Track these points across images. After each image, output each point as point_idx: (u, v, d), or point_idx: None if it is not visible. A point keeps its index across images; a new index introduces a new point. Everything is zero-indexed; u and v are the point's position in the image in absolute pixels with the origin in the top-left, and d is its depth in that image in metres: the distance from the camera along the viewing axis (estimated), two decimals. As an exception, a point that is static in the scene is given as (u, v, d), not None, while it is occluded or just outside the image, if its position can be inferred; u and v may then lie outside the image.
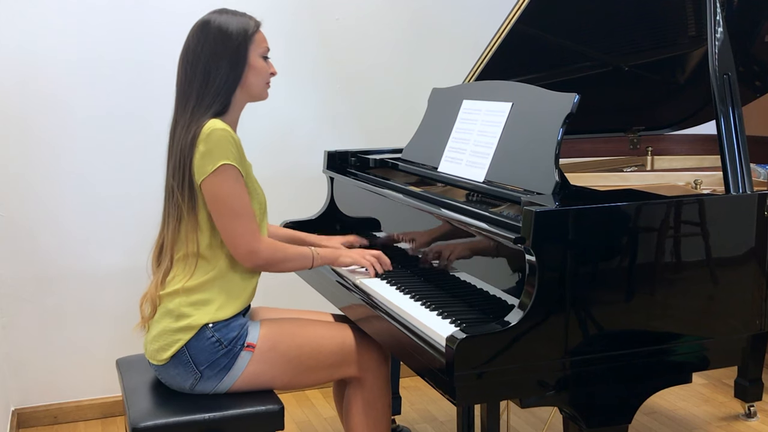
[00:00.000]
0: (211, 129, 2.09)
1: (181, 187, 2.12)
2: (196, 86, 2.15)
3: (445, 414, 3.37)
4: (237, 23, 2.17)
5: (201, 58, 2.15)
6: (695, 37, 2.76)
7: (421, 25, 3.62)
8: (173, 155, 2.15)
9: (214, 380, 2.16)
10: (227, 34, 2.15)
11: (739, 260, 2.00)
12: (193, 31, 2.20)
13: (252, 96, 2.24)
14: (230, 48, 2.15)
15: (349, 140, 3.53)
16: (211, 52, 2.15)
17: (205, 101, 2.14)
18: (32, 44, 3.09)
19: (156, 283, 2.21)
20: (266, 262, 2.19)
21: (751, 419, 3.25)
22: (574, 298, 1.79)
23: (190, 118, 2.13)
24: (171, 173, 2.16)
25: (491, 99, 2.31)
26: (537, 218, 1.75)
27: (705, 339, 1.97)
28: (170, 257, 2.19)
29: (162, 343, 2.16)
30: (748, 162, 2.07)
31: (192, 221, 2.15)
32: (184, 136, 2.11)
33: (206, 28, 2.17)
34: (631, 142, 3.19)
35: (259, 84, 2.23)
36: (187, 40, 2.20)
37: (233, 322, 2.18)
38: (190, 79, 2.16)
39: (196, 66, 2.15)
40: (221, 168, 2.09)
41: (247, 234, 2.13)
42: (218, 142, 2.08)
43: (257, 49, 2.20)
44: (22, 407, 3.27)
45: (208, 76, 2.14)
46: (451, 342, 1.70)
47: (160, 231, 2.23)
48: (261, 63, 2.22)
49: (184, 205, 2.13)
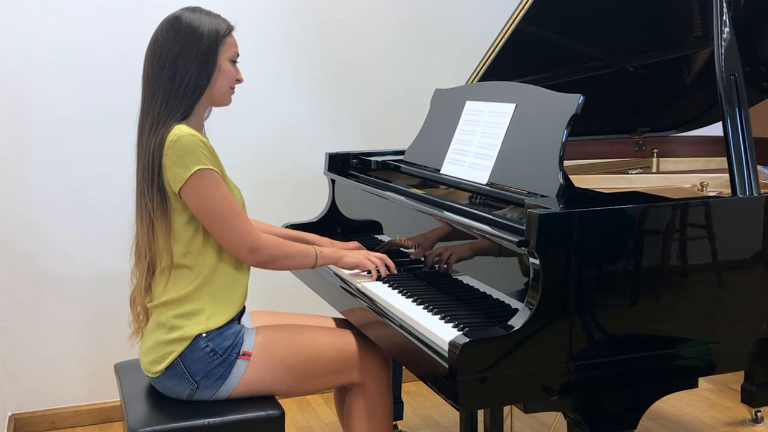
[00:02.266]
0: (177, 136, 2.04)
1: (151, 191, 2.08)
2: (164, 81, 2.10)
3: (447, 419, 3.35)
4: (209, 23, 2.13)
5: (170, 53, 2.10)
6: (701, 37, 2.75)
7: (424, 25, 3.60)
8: (142, 153, 2.12)
9: (211, 389, 2.14)
10: (198, 33, 2.11)
11: (746, 263, 1.98)
12: (163, 25, 2.15)
13: (215, 100, 2.18)
14: (200, 47, 2.10)
15: (350, 142, 3.51)
16: (180, 48, 2.09)
17: (172, 101, 2.10)
18: (26, 45, 3.08)
19: (140, 287, 2.17)
20: (268, 259, 2.15)
21: (758, 424, 3.22)
22: (579, 302, 1.77)
23: (157, 118, 2.09)
24: (141, 173, 2.12)
25: (494, 100, 2.30)
26: (541, 221, 1.73)
27: (711, 343, 1.95)
28: (150, 262, 2.15)
29: (156, 356, 2.14)
30: (755, 164, 2.06)
31: (164, 227, 2.10)
32: (153, 138, 2.07)
33: (177, 23, 2.12)
34: (637, 144, 3.18)
35: (224, 88, 2.17)
36: (155, 33, 2.15)
37: (227, 330, 2.15)
38: (157, 73, 2.11)
39: (163, 62, 2.10)
40: (197, 174, 2.04)
41: (244, 233, 2.10)
42: (187, 148, 2.04)
43: (227, 52, 2.15)
44: (19, 412, 3.25)
45: (176, 72, 2.09)
46: (454, 346, 1.68)
47: (136, 232, 2.19)
48: (229, 67, 2.16)
49: (154, 210, 2.08)
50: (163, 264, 2.13)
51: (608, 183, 2.70)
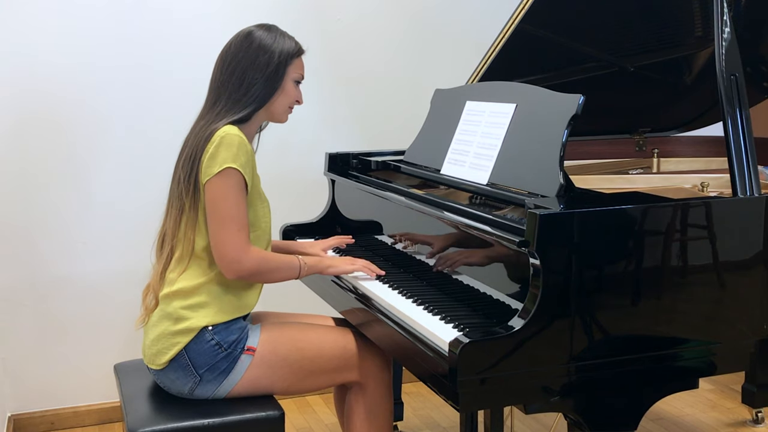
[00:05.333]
0: (225, 132, 2.10)
1: (188, 180, 2.13)
2: (230, 89, 2.18)
3: (448, 420, 3.34)
4: (282, 43, 2.22)
5: (241, 63, 2.18)
6: (702, 37, 2.75)
7: (424, 25, 3.60)
8: (188, 146, 2.17)
9: (214, 384, 2.14)
10: (271, 50, 2.20)
11: (747, 264, 1.97)
12: (238, 36, 2.23)
13: (273, 116, 2.27)
14: (270, 63, 2.19)
15: (350, 142, 3.50)
16: (252, 61, 2.18)
17: (236, 105, 2.17)
18: (29, 47, 3.07)
19: (157, 273, 2.21)
20: (250, 273, 2.15)
21: (759, 425, 3.22)
22: (579, 303, 1.77)
23: (215, 116, 2.16)
24: (182, 163, 2.16)
25: (495, 100, 2.30)
26: (541, 221, 1.73)
27: (712, 344, 1.95)
28: (170, 248, 2.19)
29: (160, 347, 2.14)
30: (756, 164, 2.05)
31: (192, 218, 2.14)
32: (202, 132, 2.13)
33: (251, 37, 2.20)
34: (637, 144, 3.17)
35: (283, 107, 2.26)
36: (229, 43, 2.23)
37: (233, 325, 2.16)
38: (224, 80, 2.19)
39: (234, 68, 2.18)
40: (225, 171, 2.08)
41: (235, 242, 2.10)
42: (229, 145, 2.08)
43: (293, 73, 2.24)
44: (19, 413, 3.25)
45: (243, 83, 2.17)
46: (455, 347, 1.68)
47: (163, 220, 2.23)
48: (292, 87, 2.25)
49: (187, 199, 2.13)
50: (184, 251, 2.15)
51: (609, 183, 2.69)
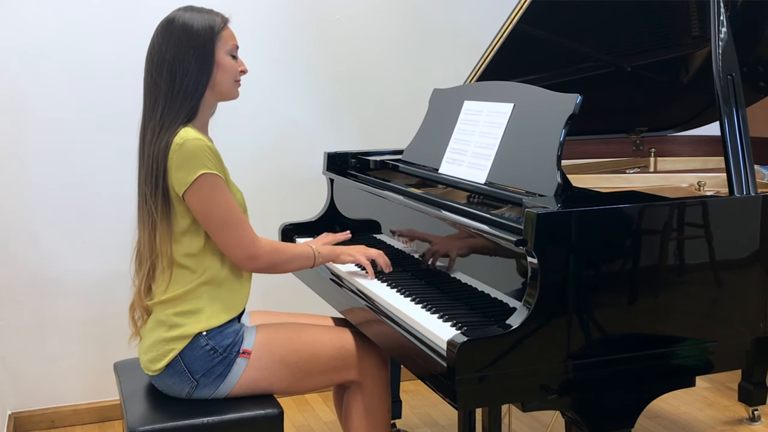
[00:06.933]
0: (183, 140, 2.04)
1: (154, 195, 2.07)
2: (164, 88, 2.09)
3: (446, 418, 3.35)
4: (202, 20, 2.11)
5: (166, 58, 2.09)
6: (699, 37, 2.75)
7: (423, 25, 3.60)
8: (145, 162, 2.11)
9: (211, 388, 2.14)
10: (193, 31, 2.09)
11: (744, 263, 1.98)
12: (158, 30, 2.13)
13: (221, 95, 2.18)
14: (196, 47, 2.09)
15: (349, 141, 3.51)
16: (175, 51, 2.08)
17: (174, 105, 2.08)
18: (25, 44, 3.07)
19: (139, 290, 2.18)
20: (267, 266, 2.17)
21: (756, 423, 3.23)
22: (577, 301, 1.78)
23: (160, 123, 2.08)
24: (143, 180, 2.11)
25: (493, 100, 2.30)
26: (539, 220, 1.73)
27: (709, 342, 1.95)
28: (150, 265, 2.15)
29: (155, 354, 2.14)
30: (752, 163, 2.06)
31: (165, 230, 2.10)
32: (156, 144, 2.06)
33: (170, 26, 2.11)
34: (634, 144, 3.17)
35: (228, 82, 2.16)
36: (151, 40, 2.14)
37: (227, 328, 2.15)
38: (156, 81, 2.10)
39: (161, 67, 2.09)
40: (201, 178, 2.04)
41: (243, 241, 2.11)
42: (193, 152, 2.03)
43: (224, 46, 2.13)
44: (19, 411, 3.25)
45: (175, 78, 2.08)
46: (453, 345, 1.68)
47: (138, 239, 2.19)
48: (229, 61, 2.14)
49: (158, 214, 2.08)
50: (164, 264, 2.13)
51: (606, 182, 2.69)
